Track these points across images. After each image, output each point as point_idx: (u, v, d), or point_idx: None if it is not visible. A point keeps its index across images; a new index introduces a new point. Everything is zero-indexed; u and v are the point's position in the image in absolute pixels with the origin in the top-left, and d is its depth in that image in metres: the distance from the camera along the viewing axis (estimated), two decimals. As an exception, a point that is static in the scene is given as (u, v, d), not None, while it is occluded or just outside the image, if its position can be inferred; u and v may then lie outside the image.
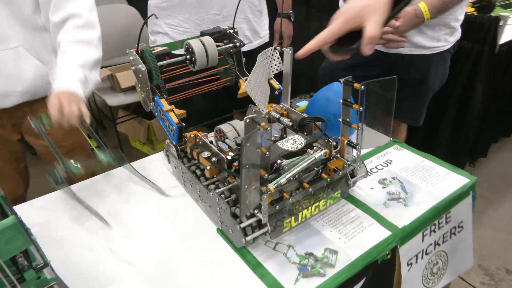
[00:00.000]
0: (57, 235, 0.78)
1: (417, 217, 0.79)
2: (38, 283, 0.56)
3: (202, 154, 0.78)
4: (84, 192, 0.90)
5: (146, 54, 0.85)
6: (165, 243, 0.76)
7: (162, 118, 0.87)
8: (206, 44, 0.90)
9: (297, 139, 0.79)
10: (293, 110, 0.90)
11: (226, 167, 0.75)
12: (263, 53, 0.89)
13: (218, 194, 0.73)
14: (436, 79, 1.36)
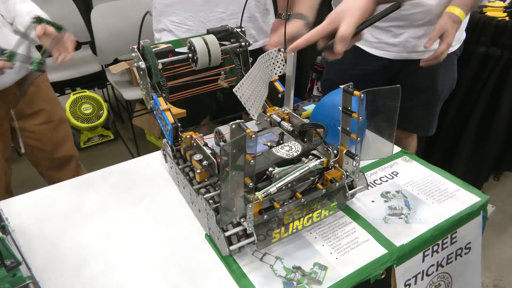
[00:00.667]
0: (46, 230, 0.78)
1: (417, 236, 0.74)
2: (13, 281, 0.56)
3: (194, 156, 0.76)
4: (78, 185, 0.90)
5: (146, 51, 0.84)
6: (151, 245, 0.74)
7: (159, 117, 0.86)
8: (209, 43, 0.88)
9: (294, 146, 0.76)
10: (295, 115, 0.87)
11: (217, 172, 0.72)
12: (265, 55, 0.86)
13: (206, 199, 0.71)
14: (446, 83, 1.29)
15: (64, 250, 0.73)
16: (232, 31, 0.96)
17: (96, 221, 0.80)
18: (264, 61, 0.86)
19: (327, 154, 0.76)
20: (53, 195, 0.88)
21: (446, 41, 1.11)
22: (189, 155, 0.78)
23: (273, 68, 0.90)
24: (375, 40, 1.20)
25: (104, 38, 2.27)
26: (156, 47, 0.91)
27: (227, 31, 0.96)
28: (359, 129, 0.68)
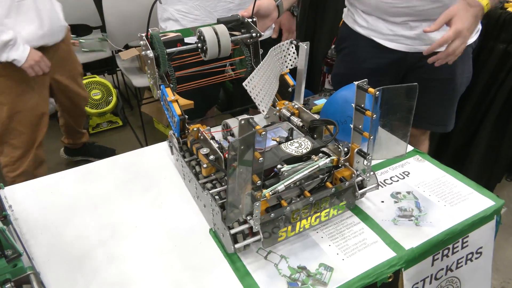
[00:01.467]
0: (50, 219, 0.78)
1: (428, 239, 0.72)
2: (14, 272, 0.55)
3: (201, 150, 0.74)
4: (84, 174, 0.89)
5: (154, 39, 0.81)
6: (154, 238, 0.73)
7: (166, 108, 0.84)
8: (219, 33, 0.85)
9: (303, 143, 0.74)
10: (305, 110, 0.84)
11: (224, 167, 0.71)
12: (276, 47, 0.83)
13: (212, 194, 0.69)
14: (463, 77, 1.22)
15: (67, 240, 0.73)
16: (243, 21, 0.93)
17: (100, 211, 0.79)
18: (276, 54, 0.83)
19: (337, 152, 0.74)
20: (58, 183, 0.88)
21: (453, 27, 0.93)
22: (196, 149, 0.76)
23: (285, 61, 0.87)
24: (389, 33, 1.16)
25: (115, 24, 2.25)
26: (165, 35, 0.88)
27: (237, 21, 0.93)
28: (372, 127, 0.65)
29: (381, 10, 1.12)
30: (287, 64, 0.87)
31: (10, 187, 0.85)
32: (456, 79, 1.20)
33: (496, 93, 1.66)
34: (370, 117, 0.65)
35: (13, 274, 0.55)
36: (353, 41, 1.25)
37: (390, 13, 1.11)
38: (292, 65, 0.87)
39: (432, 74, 1.18)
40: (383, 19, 1.15)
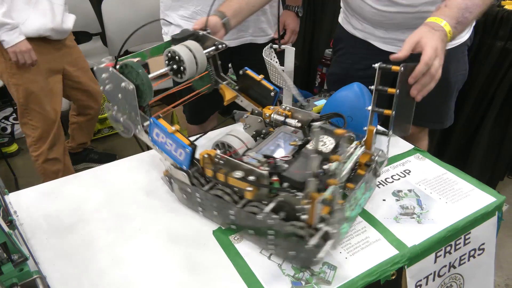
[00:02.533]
0: (55, 224, 0.78)
1: (430, 237, 0.72)
2: (20, 276, 0.56)
3: (233, 174, 0.67)
4: (87, 179, 0.90)
5: (131, 68, 0.72)
6: (158, 241, 0.74)
7: (162, 142, 0.74)
8: (194, 50, 0.80)
9: (325, 140, 0.75)
10: (298, 109, 0.85)
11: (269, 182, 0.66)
12: (265, 50, 0.84)
13: (273, 217, 0.64)
14: (458, 75, 1.23)
15: (72, 244, 0.73)
16: (198, 34, 0.89)
17: (104, 215, 0.80)
18: (266, 56, 0.85)
19: (350, 141, 0.76)
20: (62, 188, 0.88)
21: (428, 46, 0.79)
22: (224, 175, 0.69)
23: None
24: (384, 36, 1.17)
25: (115, 30, 2.26)
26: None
27: (192, 36, 0.89)
28: (394, 104, 0.71)
29: (374, 22, 1.13)
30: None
31: (15, 193, 0.86)
32: (450, 77, 1.20)
33: (495, 90, 1.67)
34: (394, 93, 0.72)
35: (19, 278, 0.55)
36: (348, 42, 1.26)
37: (383, 24, 1.12)
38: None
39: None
40: (379, 27, 1.16)
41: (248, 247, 0.71)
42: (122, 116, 0.76)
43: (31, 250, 0.71)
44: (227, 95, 0.92)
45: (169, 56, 0.80)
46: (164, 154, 0.75)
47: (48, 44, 1.63)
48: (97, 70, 0.73)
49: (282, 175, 0.67)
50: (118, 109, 0.75)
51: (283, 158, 0.71)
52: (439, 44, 0.80)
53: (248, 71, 0.91)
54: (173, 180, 0.77)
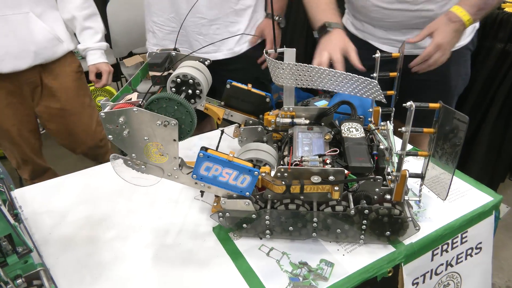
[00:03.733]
0: (58, 219, 0.80)
1: (427, 235, 0.73)
2: (25, 268, 0.57)
3: (312, 180, 0.66)
4: (90, 176, 0.92)
5: (167, 101, 0.63)
6: (159, 236, 0.75)
7: (214, 175, 0.66)
8: (202, 70, 0.77)
9: (354, 126, 0.79)
10: (301, 107, 0.86)
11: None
12: (266, 56, 0.84)
13: (364, 206, 0.67)
14: (458, 79, 1.23)
15: (74, 239, 0.75)
16: (171, 56, 0.83)
17: (107, 211, 0.82)
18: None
19: (360, 122, 0.82)
20: (65, 185, 0.90)
21: (434, 41, 0.99)
22: (300, 185, 0.67)
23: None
24: (384, 36, 1.18)
25: (119, 31, 2.29)
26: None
27: (168, 57, 0.82)
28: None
29: (375, 20, 1.14)
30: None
31: (20, 189, 0.88)
32: (451, 81, 1.21)
33: (495, 92, 1.67)
34: (396, 76, 0.80)
35: (24, 270, 0.57)
36: None
37: (384, 24, 1.14)
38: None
39: (426, 75, 1.19)
40: (379, 27, 1.18)
41: (247, 244, 0.72)
42: (145, 163, 0.67)
43: (36, 243, 0.73)
44: (218, 113, 0.89)
45: (178, 82, 0.73)
46: (214, 188, 0.68)
47: None
48: (106, 116, 0.61)
49: (351, 167, 0.69)
50: (138, 157, 0.66)
51: (332, 153, 0.74)
52: (448, 38, 0.98)
53: (234, 83, 0.89)
54: (228, 214, 0.71)
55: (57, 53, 1.35)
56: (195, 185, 0.69)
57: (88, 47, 1.41)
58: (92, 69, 1.43)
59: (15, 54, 1.25)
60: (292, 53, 0.83)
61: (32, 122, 1.46)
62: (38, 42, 1.28)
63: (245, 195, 0.69)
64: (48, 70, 1.36)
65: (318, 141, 0.80)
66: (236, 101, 0.92)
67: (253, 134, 0.91)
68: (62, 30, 1.36)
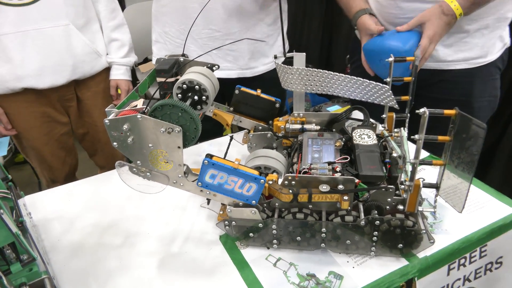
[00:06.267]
0: (67, 226, 0.80)
1: (443, 248, 0.69)
2: (29, 276, 0.57)
3: (320, 188, 0.64)
4: (100, 182, 0.92)
5: (170, 108, 0.62)
6: (165, 245, 0.74)
7: (220, 183, 0.65)
8: (209, 76, 0.75)
9: (366, 133, 0.77)
10: (311, 113, 0.84)
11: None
12: (275, 61, 0.82)
13: (375, 217, 0.64)
14: (483, 101, 1.11)
15: (82, 246, 0.75)
16: (179, 61, 0.82)
17: (115, 218, 0.81)
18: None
19: (372, 128, 0.79)
20: (76, 191, 0.91)
21: (426, 34, 0.95)
22: (309, 194, 0.65)
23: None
24: None
25: (135, 37, 2.31)
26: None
27: (175, 63, 0.81)
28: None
29: (389, 18, 1.10)
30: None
31: (31, 196, 0.89)
32: (474, 102, 1.10)
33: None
34: (411, 81, 0.77)
35: (28, 278, 0.57)
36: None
37: (396, 23, 1.09)
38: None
39: (445, 94, 1.11)
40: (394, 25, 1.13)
41: (254, 254, 0.71)
42: (150, 170, 0.66)
43: (44, 250, 0.74)
44: (226, 119, 0.88)
45: (184, 88, 0.72)
46: (220, 196, 0.66)
47: None
48: (111, 123, 0.60)
49: (362, 175, 0.67)
50: (143, 164, 0.65)
51: (341, 160, 0.72)
52: (439, 30, 0.96)
53: (243, 88, 0.88)
54: (234, 222, 0.69)
55: (95, 68, 1.30)
56: (200, 193, 0.68)
57: (114, 61, 1.36)
58: (112, 84, 1.37)
59: (53, 68, 1.20)
60: (301, 57, 0.81)
61: (67, 142, 1.38)
62: (76, 55, 1.23)
63: (251, 204, 0.67)
64: (84, 86, 1.32)
65: (329, 148, 0.78)
66: (245, 106, 0.91)
67: (262, 140, 0.89)
68: (101, 44, 1.31)
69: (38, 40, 1.16)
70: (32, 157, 1.35)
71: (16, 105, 1.22)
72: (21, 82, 1.17)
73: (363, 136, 0.76)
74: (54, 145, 1.34)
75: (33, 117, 1.26)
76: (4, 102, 1.21)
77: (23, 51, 1.15)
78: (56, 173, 1.40)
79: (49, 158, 1.35)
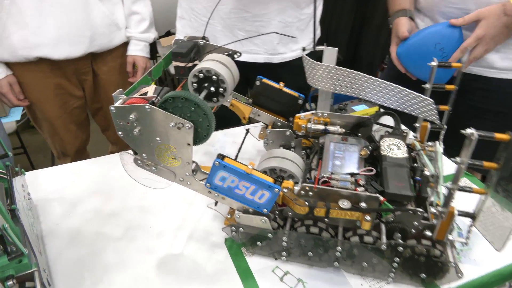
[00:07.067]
0: (68, 210, 0.76)
1: (470, 281, 0.62)
2: (18, 268, 0.53)
3: (340, 203, 0.58)
4: (107, 165, 0.88)
5: (183, 101, 0.55)
6: (167, 242, 0.70)
7: (230, 187, 0.59)
8: (229, 65, 0.68)
9: (395, 143, 0.69)
10: (336, 114, 0.77)
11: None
12: (303, 54, 0.75)
13: (398, 243, 0.58)
14: None
15: (80, 234, 0.71)
16: (199, 45, 0.74)
17: (117, 206, 0.77)
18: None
19: (403, 137, 0.72)
20: (81, 171, 0.87)
21: (475, 33, 0.87)
22: (326, 208, 0.59)
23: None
24: None
25: (157, 9, 2.23)
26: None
27: (195, 47, 0.73)
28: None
29: (435, 11, 0.99)
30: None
31: (34, 172, 0.85)
32: None
33: None
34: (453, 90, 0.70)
35: (17, 270, 0.53)
36: None
37: (447, 13, 0.98)
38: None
39: (484, 103, 1.01)
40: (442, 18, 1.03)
41: (260, 263, 0.65)
42: (156, 165, 0.61)
43: (40, 234, 0.70)
44: (244, 111, 0.81)
45: (201, 77, 0.65)
46: (229, 200, 0.61)
47: None
48: (117, 110, 0.55)
49: (388, 193, 0.60)
50: (149, 157, 0.60)
51: (365, 172, 0.64)
52: (494, 32, 0.85)
53: (264, 79, 0.81)
54: (242, 229, 0.64)
55: (113, 41, 1.23)
56: (208, 194, 0.62)
57: (133, 36, 1.28)
58: (129, 59, 1.31)
59: (70, 39, 1.13)
60: (332, 53, 0.73)
61: (81, 115, 1.34)
62: (95, 26, 1.16)
63: (262, 212, 0.61)
64: (101, 60, 1.26)
65: (352, 155, 0.71)
66: (265, 99, 0.83)
67: (280, 138, 0.83)
68: (121, 16, 1.23)
69: (56, 7, 1.09)
70: (44, 129, 1.32)
71: (30, 75, 1.17)
72: (36, 51, 1.12)
73: (392, 146, 0.69)
74: (67, 118, 1.30)
75: (47, 88, 1.21)
76: (18, 71, 1.16)
77: (40, 17, 1.09)
78: (68, 147, 1.36)
79: (61, 131, 1.31)
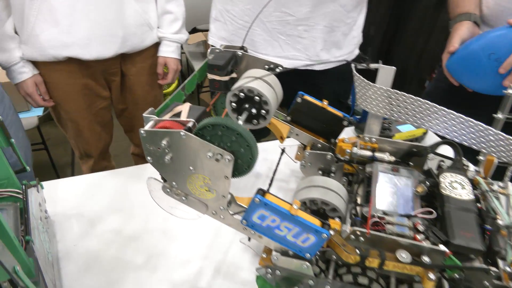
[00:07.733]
0: (89, 227, 0.71)
1: None
2: None
3: (398, 254, 0.50)
4: (123, 176, 0.82)
5: (224, 129, 0.48)
6: (191, 272, 0.63)
7: (270, 226, 0.52)
8: (274, 86, 0.61)
9: (459, 181, 0.60)
10: (387, 139, 0.68)
11: None
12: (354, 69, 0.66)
13: None
14: None
15: (99, 259, 0.65)
16: (237, 55, 0.67)
17: (139, 228, 0.71)
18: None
19: (463, 169, 0.62)
20: (102, 183, 0.81)
21: None
22: (381, 260, 0.51)
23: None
24: None
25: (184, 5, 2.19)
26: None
27: (233, 58, 0.66)
28: None
29: (502, 19, 0.89)
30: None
31: (53, 182, 0.80)
32: None
33: None
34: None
35: None
36: None
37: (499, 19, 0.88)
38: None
39: None
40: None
41: (295, 309, 0.58)
42: (186, 195, 0.55)
43: (56, 256, 0.65)
44: (282, 130, 0.74)
45: (241, 97, 0.58)
46: (266, 239, 0.54)
47: None
48: (147, 135, 0.49)
49: (453, 244, 0.51)
50: (179, 186, 0.54)
51: (423, 215, 0.55)
52: None
53: (306, 96, 0.73)
54: (279, 272, 0.56)
55: (144, 42, 1.17)
56: (243, 231, 0.55)
57: (165, 37, 1.22)
58: (160, 61, 1.24)
59: (101, 39, 1.08)
60: (389, 72, 0.64)
61: (106, 116, 1.29)
62: (127, 27, 1.10)
63: (304, 256, 0.53)
64: (130, 61, 1.19)
65: (406, 190, 0.62)
66: (305, 118, 0.75)
67: (319, 161, 0.74)
68: (154, 15, 1.17)
69: (89, 6, 1.03)
70: (69, 129, 1.27)
71: (57, 74, 1.12)
72: (66, 50, 1.06)
73: (455, 184, 0.60)
74: (92, 119, 1.25)
75: (73, 89, 1.16)
76: (45, 70, 1.11)
77: (72, 16, 1.03)
78: (91, 149, 1.32)
79: (86, 132, 1.26)
